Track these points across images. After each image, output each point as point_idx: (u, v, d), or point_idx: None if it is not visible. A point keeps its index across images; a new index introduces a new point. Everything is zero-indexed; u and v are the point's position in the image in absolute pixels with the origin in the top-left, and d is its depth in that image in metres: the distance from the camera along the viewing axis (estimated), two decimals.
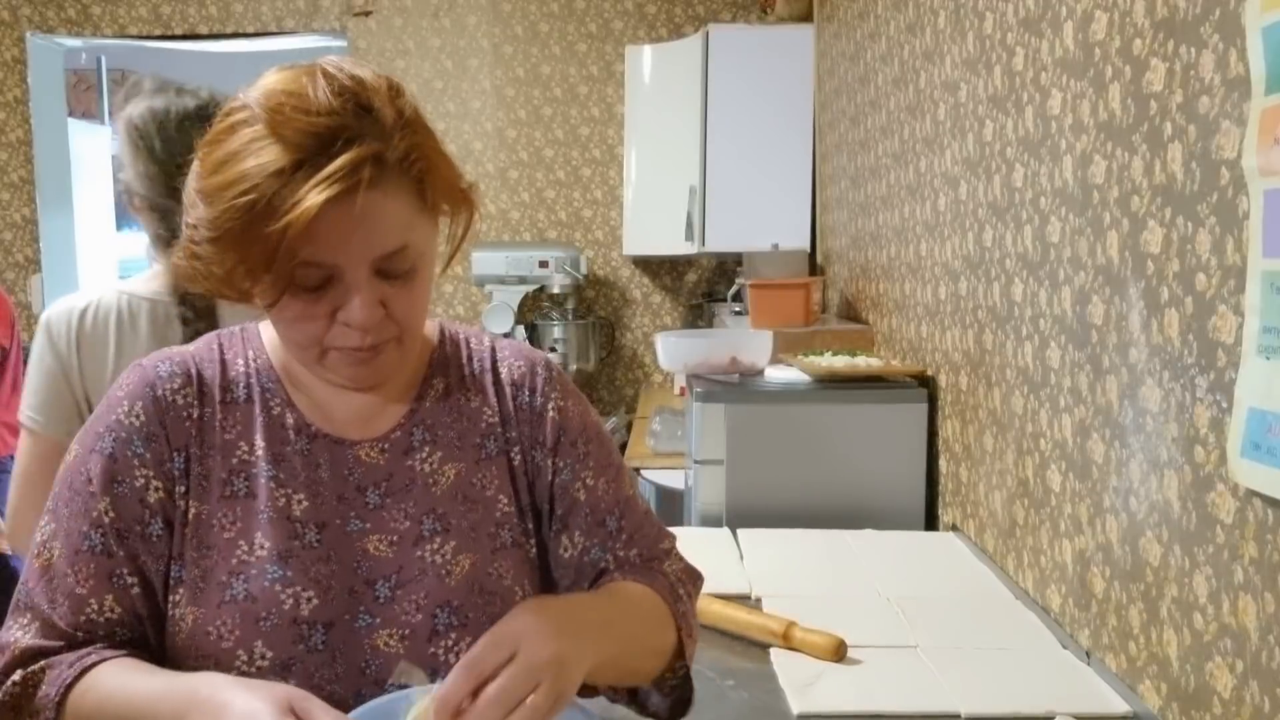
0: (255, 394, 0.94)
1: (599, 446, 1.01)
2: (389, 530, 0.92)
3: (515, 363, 1.01)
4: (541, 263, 4.01)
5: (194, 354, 0.96)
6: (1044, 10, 1.59)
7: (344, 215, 0.79)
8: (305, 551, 0.89)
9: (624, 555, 0.98)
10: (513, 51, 4.35)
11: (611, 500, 0.99)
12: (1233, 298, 1.09)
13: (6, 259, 4.49)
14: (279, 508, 0.90)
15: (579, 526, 0.97)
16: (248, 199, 0.78)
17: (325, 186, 0.77)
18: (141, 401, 0.91)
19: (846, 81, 3.17)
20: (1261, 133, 1.01)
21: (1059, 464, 1.55)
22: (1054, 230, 1.56)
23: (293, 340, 0.89)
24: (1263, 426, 1.02)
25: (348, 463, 0.93)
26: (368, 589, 0.90)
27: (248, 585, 0.87)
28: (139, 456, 0.90)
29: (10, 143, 4.44)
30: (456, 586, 0.91)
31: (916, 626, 1.53)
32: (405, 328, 0.88)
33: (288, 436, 0.93)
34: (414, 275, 0.87)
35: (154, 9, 4.38)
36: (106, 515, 0.88)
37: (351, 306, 0.84)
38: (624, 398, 4.44)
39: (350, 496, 0.92)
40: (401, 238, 0.84)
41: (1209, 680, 1.15)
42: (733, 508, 2.18)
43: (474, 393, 0.99)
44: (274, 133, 0.79)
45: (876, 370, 2.28)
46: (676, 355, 2.48)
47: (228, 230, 0.80)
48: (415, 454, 0.95)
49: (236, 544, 0.89)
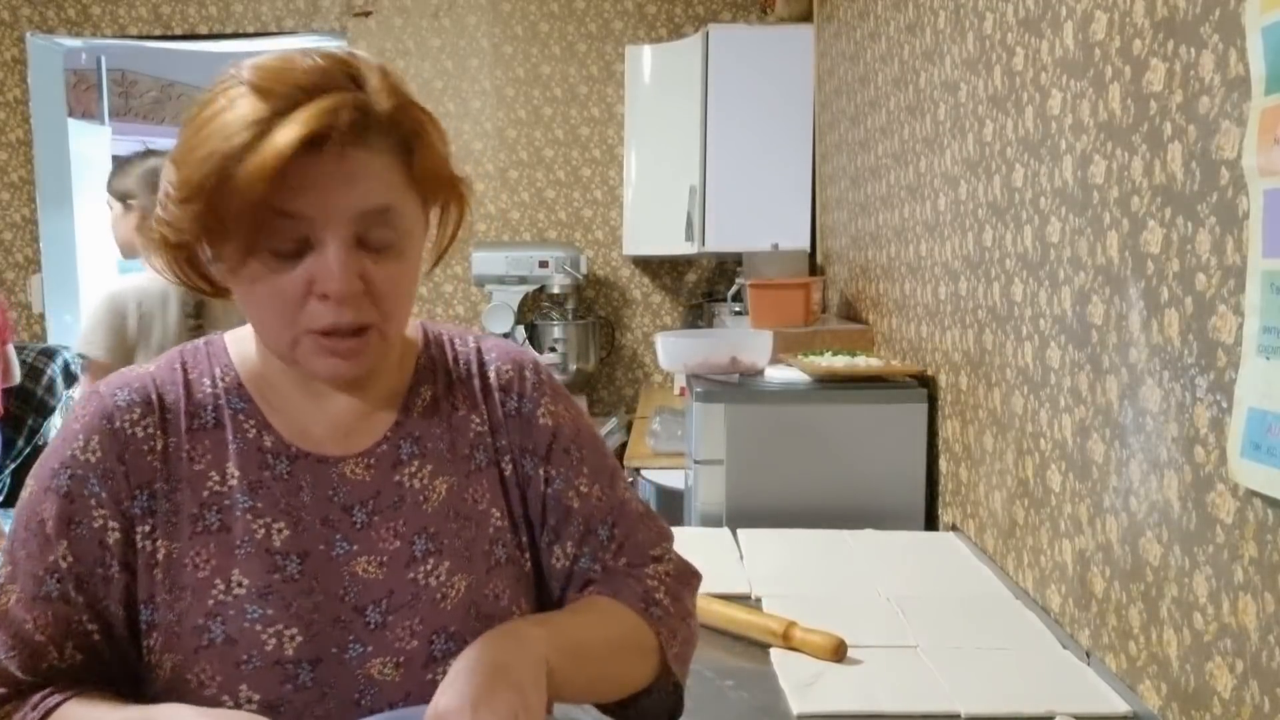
0: (225, 417, 0.88)
1: (592, 451, 0.97)
2: (378, 551, 0.87)
3: (503, 366, 0.97)
4: (541, 263, 4.01)
5: (154, 377, 0.89)
6: (1044, 10, 1.59)
7: (326, 163, 0.76)
8: (286, 585, 0.84)
9: (612, 564, 0.95)
10: (513, 51, 4.35)
11: (605, 508, 0.95)
12: (1233, 298, 1.09)
13: (6, 259, 4.48)
14: (257, 540, 0.84)
15: (571, 536, 0.94)
16: (223, 146, 0.74)
17: (301, 125, 0.74)
18: (98, 435, 0.84)
19: (846, 81, 3.17)
20: (1261, 133, 1.01)
21: (1059, 464, 1.55)
22: (1054, 230, 1.56)
23: (264, 323, 0.83)
24: (1263, 426, 1.02)
25: (332, 482, 0.88)
26: (357, 616, 0.85)
27: (226, 627, 0.82)
28: (95, 496, 0.83)
29: (10, 143, 4.44)
30: (453, 611, 0.87)
31: (916, 626, 1.53)
32: (387, 312, 0.82)
33: (265, 460, 0.87)
34: (398, 254, 0.82)
35: (154, 9, 4.38)
36: (64, 560, 0.82)
37: (327, 271, 0.78)
38: (624, 398, 4.44)
39: (335, 518, 0.87)
40: (385, 197, 0.79)
41: (1209, 680, 1.15)
42: (733, 508, 2.18)
43: (461, 400, 0.94)
44: (256, 89, 0.76)
45: (876, 370, 2.28)
46: (676, 355, 2.48)
47: (199, 184, 0.75)
48: (404, 468, 0.90)
49: (212, 583, 0.83)
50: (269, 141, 0.73)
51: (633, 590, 0.93)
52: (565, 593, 0.95)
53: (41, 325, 4.53)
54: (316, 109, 0.75)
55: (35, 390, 4.02)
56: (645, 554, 0.97)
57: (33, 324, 4.51)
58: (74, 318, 4.74)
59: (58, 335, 4.56)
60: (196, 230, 0.78)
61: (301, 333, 0.81)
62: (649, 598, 0.93)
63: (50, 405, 4.08)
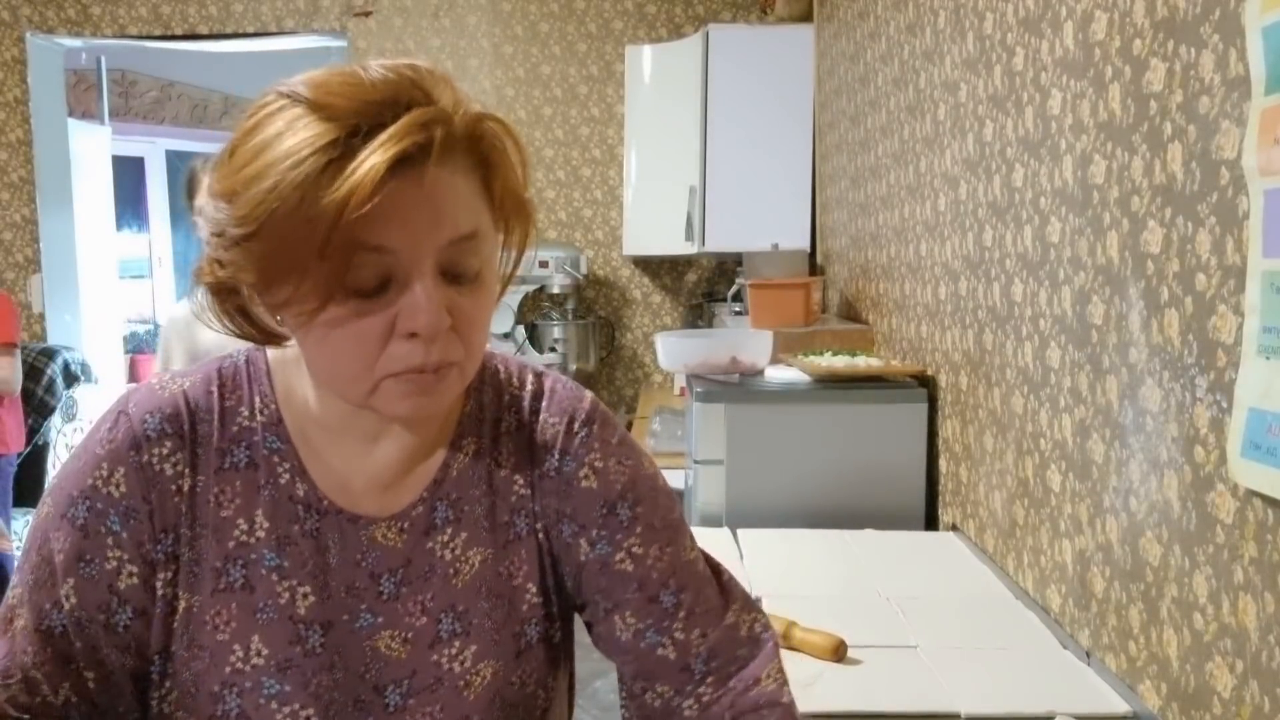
0: (260, 457, 0.80)
1: (649, 507, 0.87)
2: (403, 626, 0.81)
3: (550, 419, 0.87)
4: (541, 263, 4.01)
5: (188, 397, 0.80)
6: (1044, 10, 1.59)
7: (411, 188, 0.67)
8: (307, 660, 0.79)
9: (685, 639, 0.85)
10: (513, 51, 4.35)
11: (665, 570, 0.86)
12: (1233, 298, 1.09)
13: (6, 259, 4.48)
14: (280, 606, 0.79)
15: (629, 605, 0.85)
16: (295, 175, 0.65)
17: (393, 144, 0.65)
18: (124, 468, 0.77)
19: (846, 81, 3.17)
20: (1261, 133, 1.01)
21: (1059, 464, 1.55)
22: (1054, 230, 1.56)
23: (339, 371, 0.73)
24: (1262, 426, 1.02)
25: (361, 545, 0.81)
26: (376, 696, 0.80)
27: (241, 701, 0.78)
28: (113, 535, 0.77)
29: (10, 143, 4.44)
30: (476, 700, 0.82)
31: (916, 626, 1.53)
32: (472, 347, 0.74)
33: (295, 513, 0.80)
34: (480, 282, 0.74)
35: (154, 9, 4.38)
36: (67, 600, 0.77)
37: (415, 306, 0.69)
38: (624, 398, 4.44)
39: (362, 586, 0.81)
40: (473, 222, 0.71)
41: (1209, 680, 1.15)
42: (733, 508, 2.18)
43: (506, 457, 0.86)
44: (319, 109, 0.66)
45: (876, 370, 2.28)
46: (676, 355, 2.48)
47: (268, 219, 0.66)
48: (436, 535, 0.83)
49: (230, 648, 0.78)
50: (356, 167, 0.64)
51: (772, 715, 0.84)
52: (638, 669, 0.87)
53: (41, 325, 4.53)
54: (406, 125, 0.66)
55: (35, 390, 4.03)
56: (721, 625, 0.88)
57: (33, 324, 4.51)
58: (74, 317, 4.75)
59: (57, 335, 4.56)
60: (259, 273, 0.69)
61: (383, 377, 0.72)
62: (790, 713, 0.85)
63: (50, 405, 4.09)
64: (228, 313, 0.75)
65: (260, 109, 0.70)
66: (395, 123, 0.66)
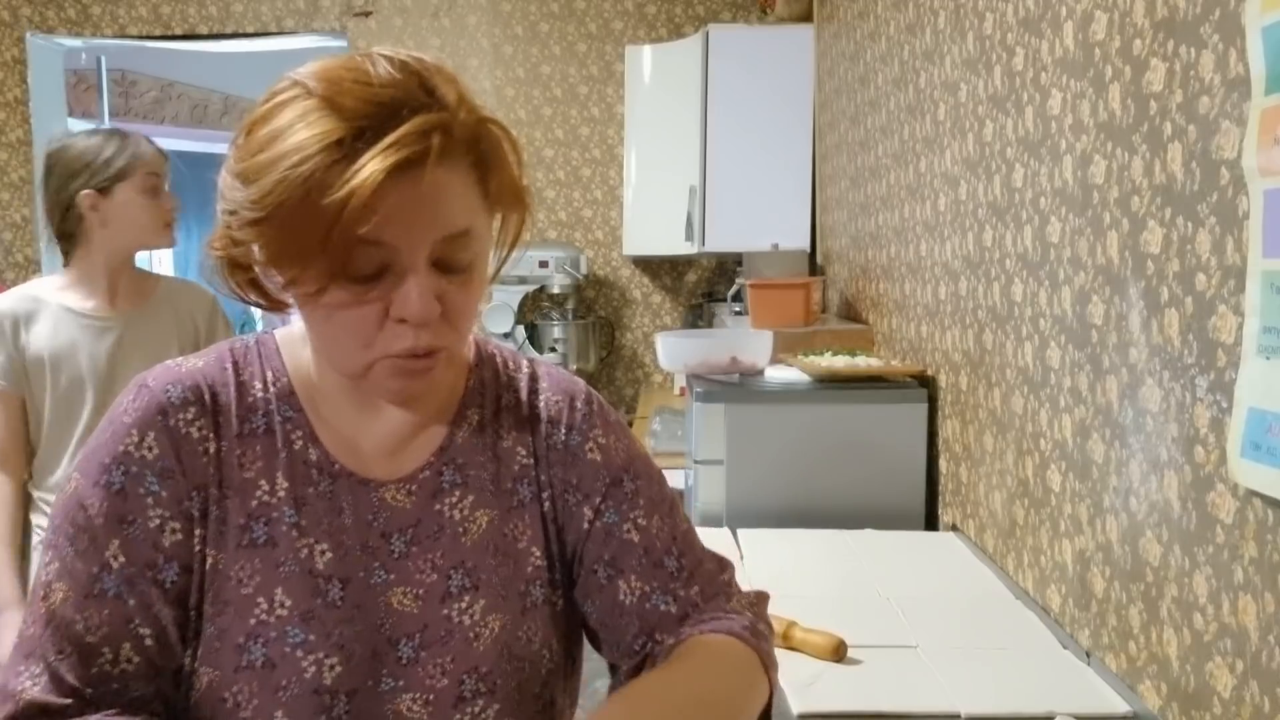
0: (276, 424, 0.85)
1: (648, 482, 0.93)
2: (414, 583, 0.85)
3: (552, 396, 0.93)
4: (541, 263, 4.01)
5: (205, 374, 0.85)
6: (1044, 10, 1.59)
7: (409, 188, 0.71)
8: (328, 611, 0.82)
9: (685, 595, 0.90)
10: (513, 51, 4.35)
11: (667, 538, 0.91)
12: (1233, 298, 1.09)
13: (6, 259, 4.49)
14: (301, 560, 0.82)
15: (635, 570, 0.89)
16: (303, 169, 0.70)
17: (393, 151, 0.70)
18: (154, 432, 0.81)
19: (846, 81, 3.17)
20: (1261, 133, 1.01)
21: (1059, 464, 1.55)
22: (1054, 230, 1.56)
23: (338, 348, 0.80)
24: (1263, 426, 1.02)
25: (372, 506, 0.86)
26: (390, 649, 0.83)
27: (267, 650, 0.80)
28: (153, 495, 0.80)
29: (10, 143, 4.44)
30: (485, 651, 0.85)
31: (916, 626, 1.53)
32: (460, 333, 0.81)
33: (310, 476, 0.85)
34: (471, 273, 0.79)
35: (154, 9, 4.38)
36: (115, 560, 0.79)
37: (408, 297, 0.75)
38: (624, 398, 4.44)
39: (374, 545, 0.85)
40: (467, 220, 0.77)
41: (1209, 680, 1.15)
42: (733, 508, 2.18)
43: (508, 429, 0.92)
44: (330, 105, 0.71)
45: (876, 370, 2.28)
46: (676, 355, 2.48)
47: (277, 207, 0.71)
48: (444, 497, 0.88)
49: (255, 601, 0.81)
50: (357, 171, 0.69)
51: (740, 623, 0.89)
52: (639, 630, 0.89)
53: None
54: (405, 134, 0.71)
55: None
56: (718, 580, 0.94)
57: None
58: None
59: None
60: (267, 253, 0.75)
61: (378, 357, 0.78)
62: (754, 629, 0.89)
63: None
64: (240, 284, 0.81)
65: (275, 94, 0.75)
66: (398, 129, 0.71)
